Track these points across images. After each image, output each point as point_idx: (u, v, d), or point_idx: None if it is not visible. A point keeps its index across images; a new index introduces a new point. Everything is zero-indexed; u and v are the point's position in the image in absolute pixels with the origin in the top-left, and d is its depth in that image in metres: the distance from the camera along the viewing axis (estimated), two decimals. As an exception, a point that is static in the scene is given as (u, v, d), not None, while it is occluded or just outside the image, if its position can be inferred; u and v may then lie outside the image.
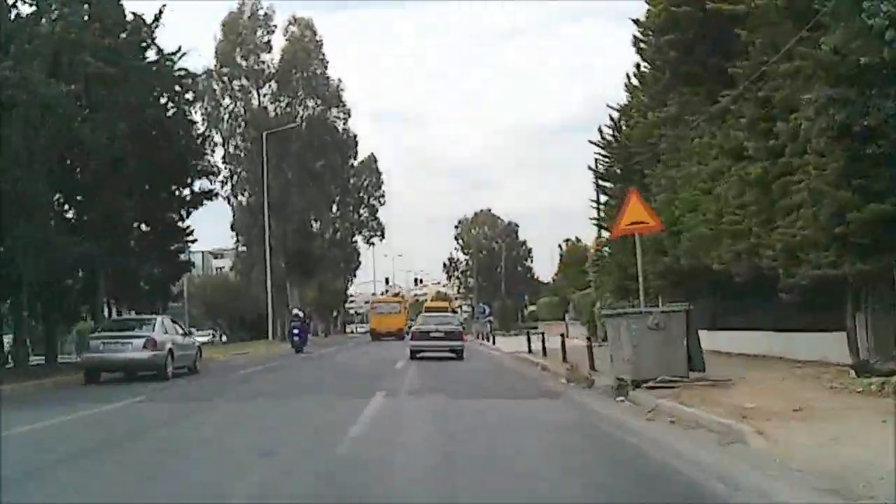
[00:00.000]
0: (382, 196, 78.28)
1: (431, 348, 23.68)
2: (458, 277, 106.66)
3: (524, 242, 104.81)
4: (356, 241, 78.31)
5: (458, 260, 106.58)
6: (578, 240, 59.35)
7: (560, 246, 60.71)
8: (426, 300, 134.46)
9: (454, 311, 79.04)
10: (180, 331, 19.94)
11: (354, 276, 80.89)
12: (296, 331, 31.86)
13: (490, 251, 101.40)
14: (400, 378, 17.57)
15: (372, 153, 78.41)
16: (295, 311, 35.07)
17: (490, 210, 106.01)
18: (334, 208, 71.10)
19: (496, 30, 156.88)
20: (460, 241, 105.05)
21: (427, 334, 23.94)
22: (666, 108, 19.74)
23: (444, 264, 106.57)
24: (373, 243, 78.71)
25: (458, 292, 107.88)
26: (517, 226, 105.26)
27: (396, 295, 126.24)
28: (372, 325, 53.15)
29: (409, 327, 34.91)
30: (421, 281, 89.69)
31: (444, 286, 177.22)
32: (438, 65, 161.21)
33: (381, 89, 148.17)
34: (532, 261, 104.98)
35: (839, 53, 10.23)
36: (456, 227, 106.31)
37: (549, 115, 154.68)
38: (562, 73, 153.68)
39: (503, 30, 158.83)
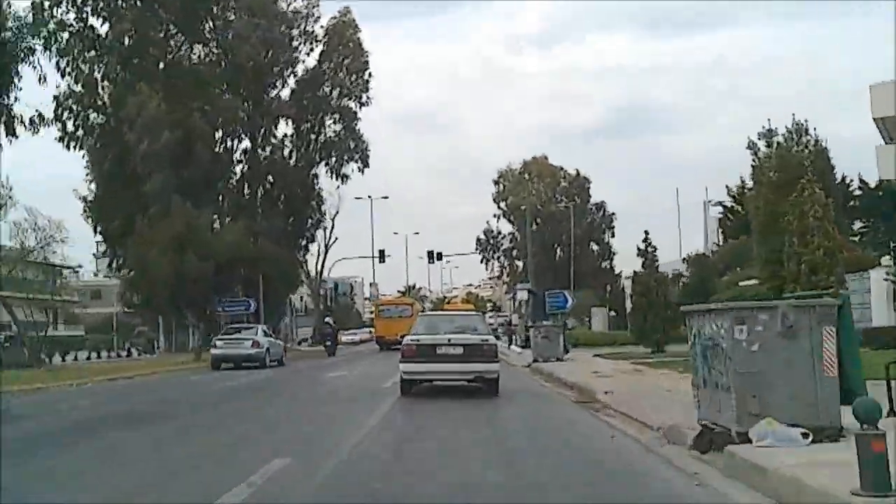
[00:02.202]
0: (366, 90, 43.44)
1: (440, 375, 13.16)
2: (499, 258, 71.19)
3: (602, 206, 69.05)
4: (315, 175, 43.71)
5: (498, 233, 71.28)
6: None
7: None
8: (454, 299, 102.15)
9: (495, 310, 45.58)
10: (271, 334, 28.81)
11: (311, 238, 45.78)
12: (328, 338, 36.27)
13: (549, 218, 66.01)
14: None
15: (347, 8, 43.45)
16: (327, 319, 38.77)
17: (546, 158, 70.49)
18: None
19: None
20: (503, 205, 69.74)
21: (432, 350, 12.77)
22: None
23: (479, 240, 71.29)
24: (347, 177, 43.94)
25: (501, 278, 72.58)
26: (589, 181, 69.61)
27: (412, 289, 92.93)
28: (378, 332, 44.44)
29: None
30: (439, 256, 55.06)
31: (475, 287, 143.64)
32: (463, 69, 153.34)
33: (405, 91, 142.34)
34: (613, 234, 69.18)
35: None
36: (496, 182, 71.06)
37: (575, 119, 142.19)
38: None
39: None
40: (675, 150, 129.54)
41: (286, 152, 42.90)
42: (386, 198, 72.32)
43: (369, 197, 70.87)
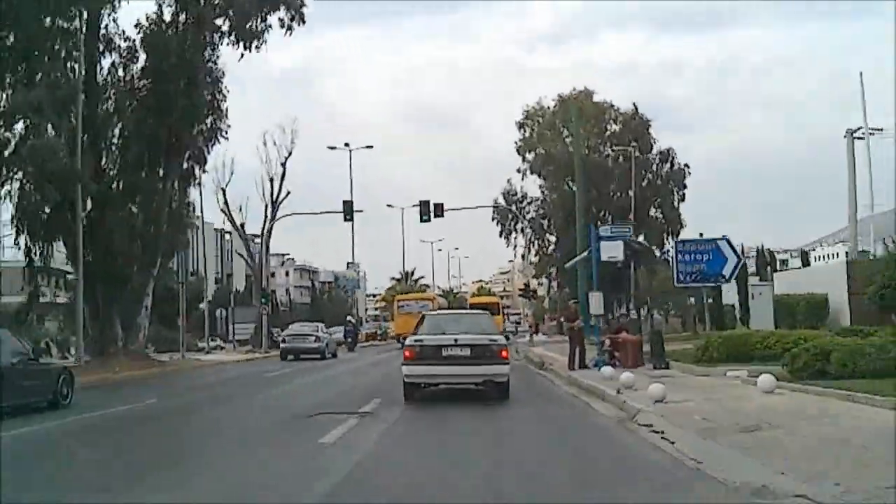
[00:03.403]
0: None
1: (446, 378, 12.36)
2: (523, 230, 51.77)
3: (669, 155, 49.43)
4: (210, 44, 24.79)
5: (523, 196, 51.99)
6: None
7: None
8: (462, 293, 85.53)
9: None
10: (327, 331, 33.55)
11: (200, 159, 26.40)
12: (349, 335, 40.84)
13: (594, 173, 46.43)
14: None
15: None
16: (349, 317, 45.71)
17: (592, 92, 50.92)
18: None
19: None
20: (529, 157, 50.52)
21: (437, 351, 11.91)
22: None
23: (496, 204, 51.91)
24: (259, 38, 24.91)
25: (526, 258, 53.06)
26: (649, 122, 50.06)
27: (409, 276, 75.17)
28: (397, 329, 43.72)
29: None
30: (439, 211, 36.34)
31: (486, 282, 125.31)
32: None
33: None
34: (684, 198, 49.42)
35: None
36: (521, 126, 51.83)
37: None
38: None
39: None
40: (685, 147, 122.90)
41: (160, 11, 24.00)
42: (370, 147, 53.57)
43: (346, 145, 52.55)
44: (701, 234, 19.51)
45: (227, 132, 24.95)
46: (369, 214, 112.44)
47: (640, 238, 46.70)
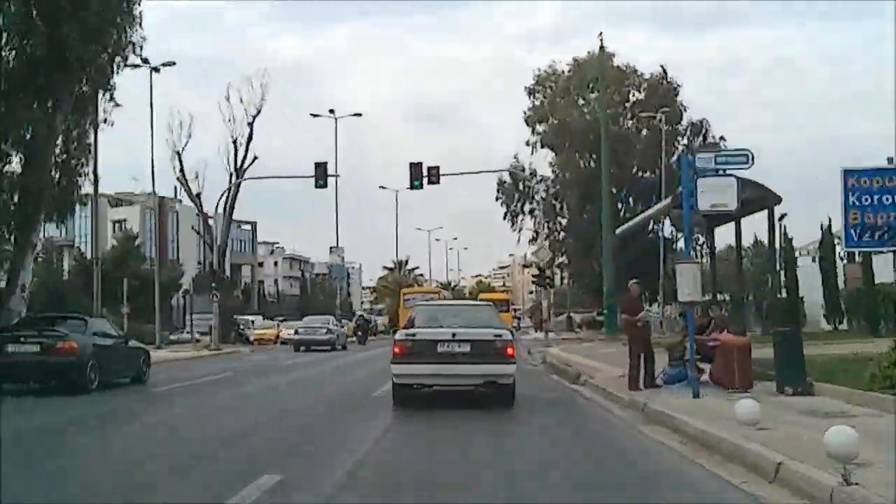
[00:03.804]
0: None
1: (442, 378, 10.85)
2: (532, 212, 45.23)
3: (703, 126, 42.87)
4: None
5: (532, 174, 45.38)
6: None
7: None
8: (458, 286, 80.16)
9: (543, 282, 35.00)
10: (338, 322, 35.32)
11: (100, 80, 19.29)
12: (360, 329, 39.99)
13: (614, 144, 39.83)
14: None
15: None
16: (359, 313, 48.27)
17: (612, 55, 44.11)
18: None
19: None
20: (540, 128, 43.97)
21: (432, 347, 10.43)
22: None
23: (501, 183, 45.43)
24: None
25: (535, 241, 46.44)
26: (678, 85, 43.48)
27: (403, 265, 69.06)
28: (402, 324, 28.74)
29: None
30: (433, 177, 29.75)
31: (485, 277, 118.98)
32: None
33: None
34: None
35: None
36: (531, 92, 45.32)
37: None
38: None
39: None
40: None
41: None
42: (359, 115, 47.04)
43: (331, 112, 46.22)
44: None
45: (142, 46, 18.49)
46: (368, 211, 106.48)
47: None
